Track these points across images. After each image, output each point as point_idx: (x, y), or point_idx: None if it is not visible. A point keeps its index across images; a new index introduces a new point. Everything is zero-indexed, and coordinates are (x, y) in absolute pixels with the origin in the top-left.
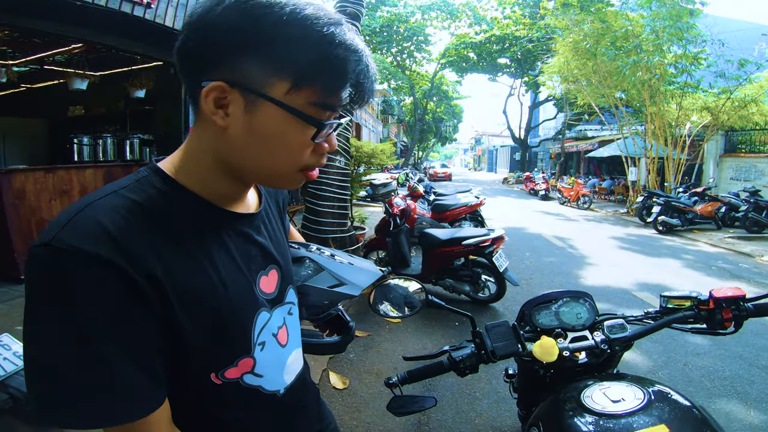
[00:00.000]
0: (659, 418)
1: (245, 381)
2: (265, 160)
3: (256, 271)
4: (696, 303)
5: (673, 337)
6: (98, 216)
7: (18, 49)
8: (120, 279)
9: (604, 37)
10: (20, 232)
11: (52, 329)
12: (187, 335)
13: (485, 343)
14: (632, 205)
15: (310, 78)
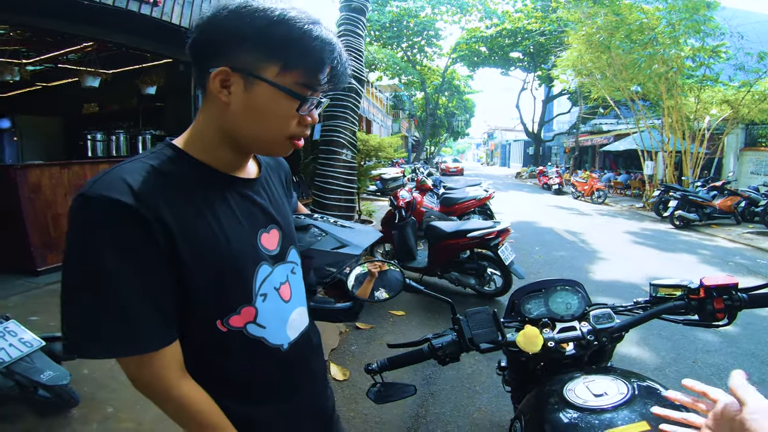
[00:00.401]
0: (641, 415)
1: (249, 331)
2: (260, 129)
3: (257, 228)
4: (686, 292)
5: (683, 333)
6: (122, 174)
7: (32, 48)
8: (135, 220)
9: (618, 29)
10: (36, 226)
11: (78, 258)
12: (192, 279)
13: (464, 330)
14: (648, 200)
15: (294, 63)
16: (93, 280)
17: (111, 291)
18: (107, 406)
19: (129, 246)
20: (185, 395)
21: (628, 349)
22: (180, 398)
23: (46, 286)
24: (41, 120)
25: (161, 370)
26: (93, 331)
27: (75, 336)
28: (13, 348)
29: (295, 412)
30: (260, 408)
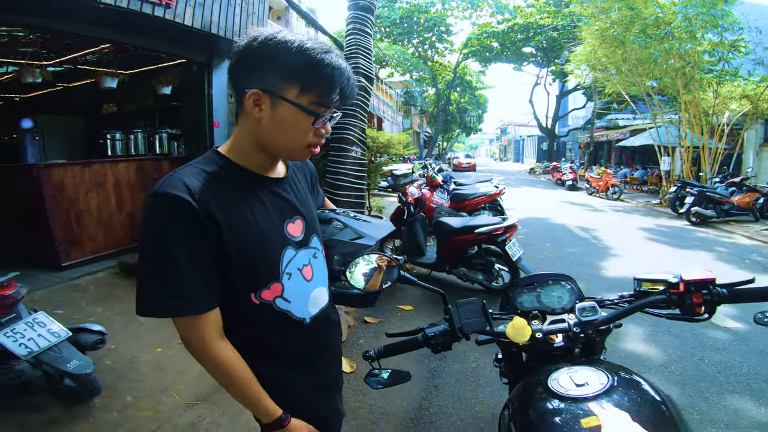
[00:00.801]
0: (617, 404)
1: (277, 304)
2: (283, 139)
3: (284, 218)
4: (667, 286)
5: (692, 331)
6: (181, 177)
7: (52, 50)
8: (191, 212)
9: (633, 24)
10: (60, 223)
11: (150, 240)
12: (232, 259)
13: (454, 320)
14: (665, 196)
15: (310, 86)
16: (159, 256)
17: (172, 265)
18: (127, 395)
19: (186, 231)
20: (221, 353)
21: (634, 345)
22: (216, 356)
23: (70, 281)
24: (62, 120)
25: (204, 331)
26: (157, 296)
27: (144, 300)
28: (41, 338)
29: (316, 378)
30: (288, 373)
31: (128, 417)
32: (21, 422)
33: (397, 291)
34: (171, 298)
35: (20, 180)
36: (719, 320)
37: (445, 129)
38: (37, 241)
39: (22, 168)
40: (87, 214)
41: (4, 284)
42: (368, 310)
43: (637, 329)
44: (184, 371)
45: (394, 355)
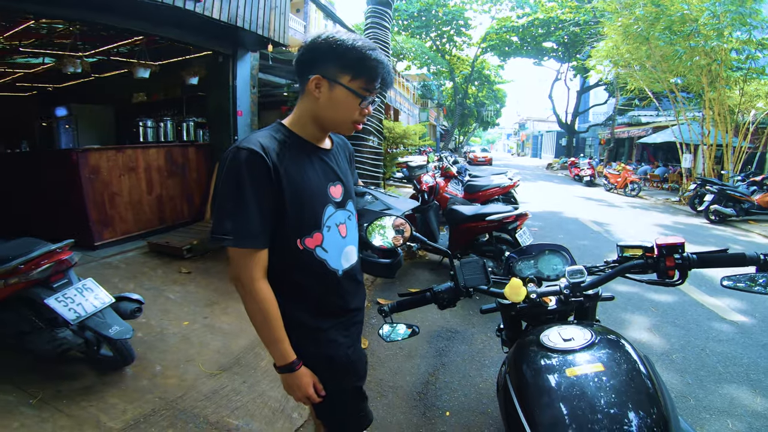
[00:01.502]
0: (598, 358)
1: (317, 254)
2: (336, 115)
3: (328, 181)
4: (644, 251)
5: (697, 322)
6: (258, 138)
7: (89, 41)
8: (264, 164)
9: (658, 21)
10: (95, 204)
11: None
12: (287, 205)
13: (457, 276)
14: (684, 194)
15: (359, 74)
16: (235, 195)
17: (244, 202)
18: (156, 365)
19: (259, 178)
20: (263, 291)
21: (638, 334)
22: (259, 292)
23: (102, 259)
24: (95, 108)
25: (253, 267)
26: (228, 226)
27: (218, 230)
28: (89, 303)
29: (346, 326)
30: (323, 319)
31: (157, 384)
32: (59, 390)
33: (410, 275)
34: (238, 231)
35: (59, 164)
36: (725, 313)
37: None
38: (72, 222)
39: (61, 152)
40: (119, 196)
41: (59, 250)
42: (381, 292)
43: (642, 319)
44: (209, 343)
45: (406, 310)
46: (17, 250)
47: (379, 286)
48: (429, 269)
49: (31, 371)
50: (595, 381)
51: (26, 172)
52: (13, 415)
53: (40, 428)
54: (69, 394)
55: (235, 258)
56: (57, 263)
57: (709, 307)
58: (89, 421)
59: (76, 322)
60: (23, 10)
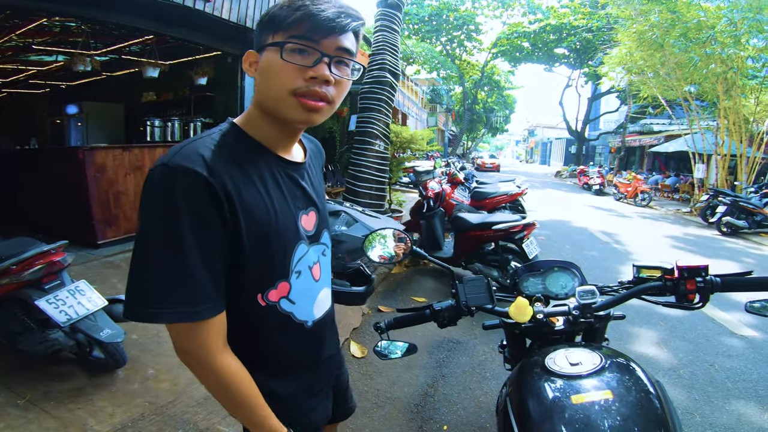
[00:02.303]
0: (607, 384)
1: (281, 306)
2: (267, 89)
3: (298, 209)
4: (663, 273)
5: (707, 337)
6: (198, 149)
7: (100, 40)
8: (207, 188)
9: (673, 27)
10: (99, 202)
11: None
12: (245, 249)
13: (459, 294)
14: (696, 205)
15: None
16: (168, 240)
17: (183, 252)
18: (149, 368)
19: (201, 212)
20: (227, 367)
21: (646, 348)
22: (222, 369)
23: (104, 258)
24: (105, 106)
25: (208, 339)
26: (159, 295)
27: (140, 299)
28: (81, 306)
29: (314, 384)
30: (285, 383)
31: (148, 388)
32: (47, 391)
33: (413, 283)
34: (177, 299)
35: (66, 161)
36: (736, 327)
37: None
38: (76, 219)
39: (68, 150)
40: (124, 195)
41: (53, 251)
42: (383, 300)
43: (650, 333)
44: None
45: (403, 327)
46: (10, 250)
47: (381, 293)
48: (433, 277)
49: (21, 370)
50: (602, 409)
51: (34, 168)
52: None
53: (25, 429)
54: (58, 395)
55: (181, 333)
56: (49, 264)
57: (720, 322)
58: (76, 423)
59: (67, 325)
60: (37, 7)
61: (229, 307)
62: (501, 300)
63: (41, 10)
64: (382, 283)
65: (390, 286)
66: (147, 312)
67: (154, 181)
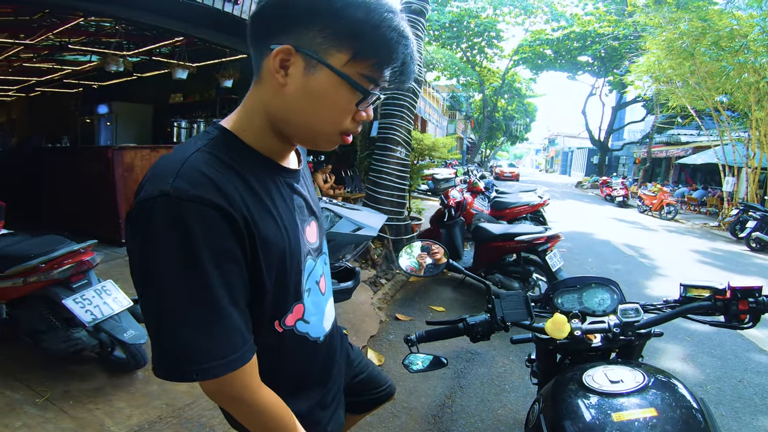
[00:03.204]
0: (651, 403)
1: (298, 329)
2: (313, 117)
3: (303, 221)
4: (714, 293)
5: (735, 353)
6: (200, 167)
7: (132, 41)
8: (228, 221)
9: (704, 36)
10: (126, 201)
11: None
12: (264, 279)
13: (496, 310)
14: (724, 219)
15: (365, 53)
16: (193, 289)
17: (212, 301)
18: None
19: (224, 249)
20: (268, 401)
21: (672, 363)
22: (263, 405)
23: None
24: (134, 107)
25: (248, 379)
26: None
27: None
28: (106, 306)
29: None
30: (300, 401)
31: (167, 390)
32: (67, 390)
33: (431, 292)
34: (221, 351)
35: (95, 160)
36: (765, 344)
37: (490, 136)
38: (102, 217)
39: (97, 149)
40: None
41: (82, 250)
42: (401, 307)
43: (677, 348)
44: None
45: (434, 341)
46: (41, 247)
47: (399, 301)
48: (452, 287)
49: (43, 368)
50: (645, 427)
51: (64, 166)
52: (17, 414)
53: (42, 429)
54: (77, 395)
55: (223, 380)
56: (78, 264)
57: (749, 338)
58: (93, 424)
59: (92, 325)
60: (74, 6)
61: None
62: (537, 315)
63: (78, 9)
64: (400, 291)
65: (408, 294)
66: (190, 371)
67: (159, 219)
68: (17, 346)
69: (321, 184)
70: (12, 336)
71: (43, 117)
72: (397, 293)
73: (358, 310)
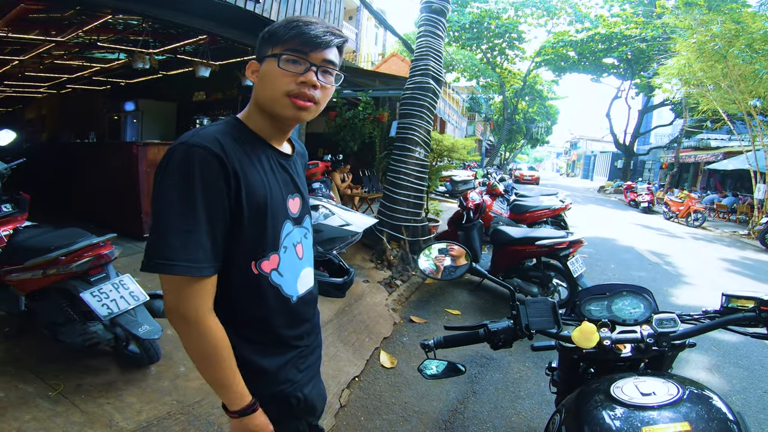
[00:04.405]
0: (684, 416)
1: (272, 278)
2: (265, 91)
3: (287, 192)
4: (758, 304)
5: (762, 364)
6: (214, 133)
7: (158, 39)
8: (223, 167)
9: (737, 38)
10: (148, 196)
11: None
12: (244, 221)
13: (521, 316)
14: (754, 227)
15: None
16: (183, 204)
17: (194, 216)
18: (180, 365)
19: (215, 186)
20: (211, 327)
21: (697, 373)
22: (205, 328)
23: None
24: (159, 104)
25: (200, 299)
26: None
27: (158, 251)
28: (123, 300)
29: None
30: (271, 359)
31: (178, 386)
32: (79, 384)
33: (447, 295)
34: (185, 254)
35: (120, 155)
36: None
37: (509, 138)
38: (125, 211)
39: (123, 145)
40: None
41: (101, 244)
42: (415, 310)
43: (703, 358)
44: None
45: (453, 347)
46: (61, 240)
47: (413, 303)
48: (468, 290)
49: (56, 362)
50: None
51: (90, 160)
52: (27, 407)
53: (51, 422)
54: (89, 389)
55: (176, 286)
56: (97, 257)
57: None
58: (102, 419)
59: (108, 319)
60: (104, 4)
61: (226, 274)
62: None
63: (107, 6)
64: (415, 293)
65: (423, 296)
66: (160, 263)
67: (176, 156)
68: (34, 339)
69: (338, 183)
70: (29, 328)
71: (73, 113)
72: (412, 295)
73: (372, 311)
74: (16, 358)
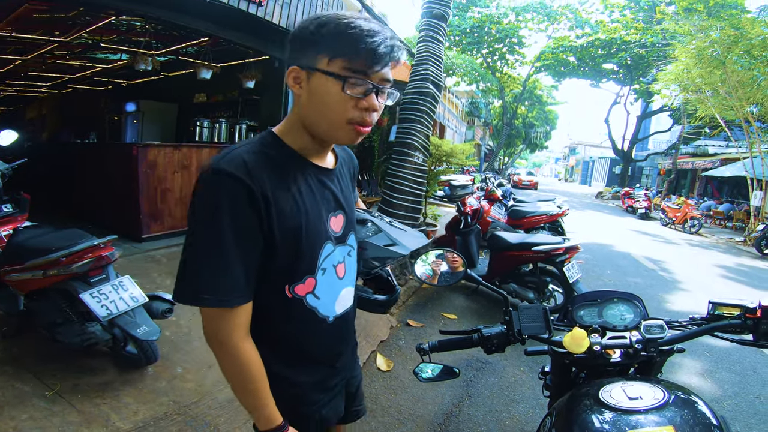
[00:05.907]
0: (669, 420)
1: (307, 301)
2: (320, 114)
3: (328, 211)
4: (744, 311)
5: (755, 369)
6: (241, 154)
7: (160, 41)
8: (248, 193)
9: (736, 44)
10: (147, 198)
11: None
12: (277, 245)
13: (513, 322)
14: (750, 234)
15: (337, 52)
16: (210, 235)
17: (223, 247)
18: (177, 366)
19: (241, 212)
20: (246, 352)
21: (689, 378)
22: (240, 354)
23: (146, 252)
24: (160, 105)
25: (234, 326)
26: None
27: (192, 287)
28: (122, 301)
29: (328, 380)
30: (301, 373)
31: (174, 387)
32: (76, 384)
33: (443, 299)
34: (217, 286)
35: (120, 156)
36: None
37: (508, 143)
38: (124, 211)
39: (123, 146)
40: (170, 192)
41: (102, 245)
42: (412, 314)
43: (695, 363)
44: None
45: (447, 351)
46: (62, 241)
47: (410, 306)
48: (464, 294)
49: (54, 361)
50: None
51: (91, 161)
52: (24, 406)
53: (48, 422)
54: (86, 389)
55: (213, 317)
56: (97, 259)
57: None
58: (99, 419)
59: (107, 320)
60: (107, 5)
61: (260, 297)
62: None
63: (110, 7)
64: (412, 297)
65: (420, 300)
66: (193, 296)
67: (202, 185)
68: (31, 338)
69: None
70: (27, 328)
71: (73, 114)
72: (409, 299)
73: (368, 315)
74: (14, 357)
